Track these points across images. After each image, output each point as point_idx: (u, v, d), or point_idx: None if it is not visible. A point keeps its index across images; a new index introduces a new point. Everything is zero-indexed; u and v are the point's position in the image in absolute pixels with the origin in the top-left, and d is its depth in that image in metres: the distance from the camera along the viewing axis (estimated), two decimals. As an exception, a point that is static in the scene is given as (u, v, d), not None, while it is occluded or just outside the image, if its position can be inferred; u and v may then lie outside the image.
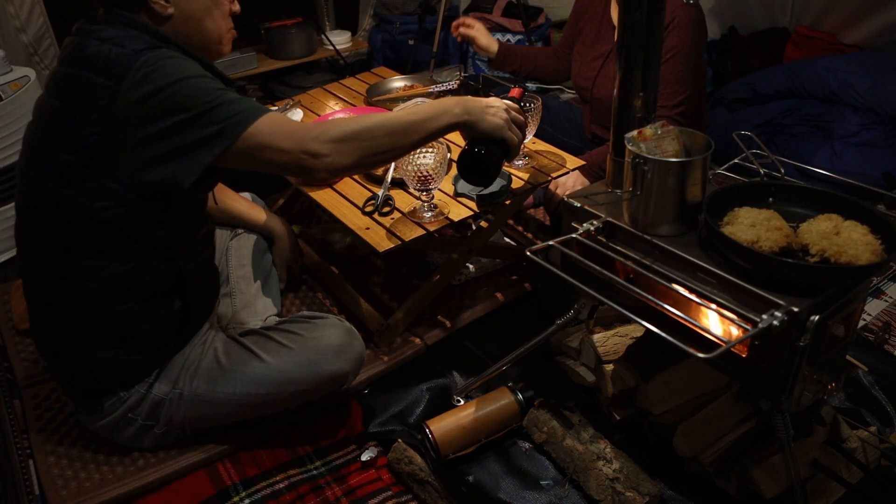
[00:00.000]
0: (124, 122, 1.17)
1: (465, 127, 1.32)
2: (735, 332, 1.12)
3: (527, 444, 1.50)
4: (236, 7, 1.38)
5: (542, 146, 1.85)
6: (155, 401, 1.40)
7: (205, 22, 1.31)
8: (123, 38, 1.19)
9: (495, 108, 1.35)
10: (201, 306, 1.48)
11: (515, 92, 1.55)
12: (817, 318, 1.01)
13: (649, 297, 1.07)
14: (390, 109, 1.95)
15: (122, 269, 1.28)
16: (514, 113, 1.39)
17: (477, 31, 2.16)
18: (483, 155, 1.35)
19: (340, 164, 1.22)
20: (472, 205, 1.63)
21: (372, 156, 1.25)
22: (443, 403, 1.60)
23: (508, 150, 1.38)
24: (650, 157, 1.12)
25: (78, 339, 1.33)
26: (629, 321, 1.55)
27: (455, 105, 1.31)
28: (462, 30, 2.16)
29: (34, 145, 1.27)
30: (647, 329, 1.04)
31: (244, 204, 1.84)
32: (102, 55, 1.17)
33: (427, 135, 1.29)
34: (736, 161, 1.32)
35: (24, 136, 1.31)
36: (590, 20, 2.11)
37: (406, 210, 1.62)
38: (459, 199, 1.66)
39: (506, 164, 1.77)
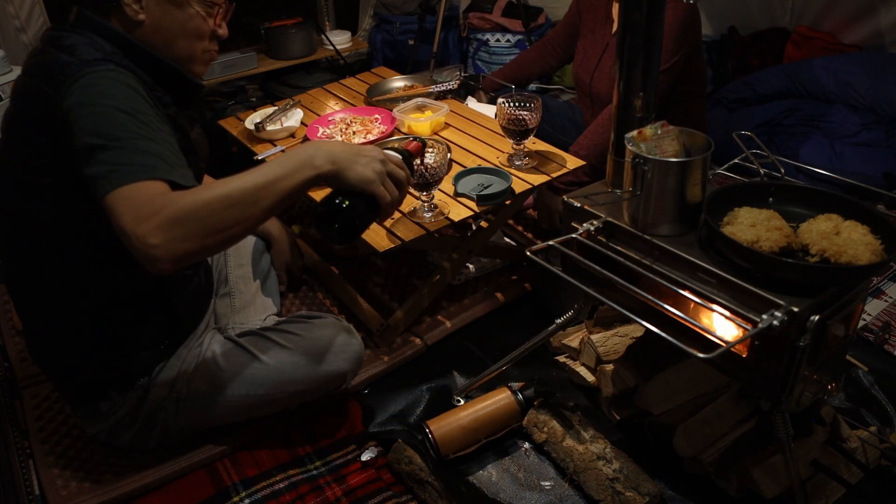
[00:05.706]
0: (64, 131, 1.10)
1: (330, 178, 1.12)
2: (735, 332, 1.12)
3: (527, 444, 1.50)
4: (223, 31, 1.32)
5: (542, 146, 1.85)
6: (152, 404, 1.39)
7: (177, 37, 1.26)
8: (80, 45, 1.14)
9: (368, 158, 1.13)
10: (191, 309, 1.47)
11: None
12: (817, 318, 1.01)
13: (649, 297, 1.07)
14: (390, 110, 1.96)
15: (100, 278, 1.27)
16: (393, 166, 1.16)
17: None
18: (343, 209, 1.11)
19: (180, 251, 1.01)
20: (472, 205, 1.63)
21: (216, 234, 1.03)
22: (443, 403, 1.60)
23: (378, 207, 1.15)
24: (650, 157, 1.12)
25: (65, 344, 1.33)
26: (629, 321, 1.55)
27: (317, 154, 1.10)
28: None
29: (1, 157, 1.25)
30: (647, 329, 1.04)
31: None
32: (50, 63, 1.13)
33: (283, 196, 1.08)
34: (736, 161, 1.32)
35: None
36: (593, 13, 2.13)
37: (406, 210, 1.62)
38: (459, 199, 1.66)
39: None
